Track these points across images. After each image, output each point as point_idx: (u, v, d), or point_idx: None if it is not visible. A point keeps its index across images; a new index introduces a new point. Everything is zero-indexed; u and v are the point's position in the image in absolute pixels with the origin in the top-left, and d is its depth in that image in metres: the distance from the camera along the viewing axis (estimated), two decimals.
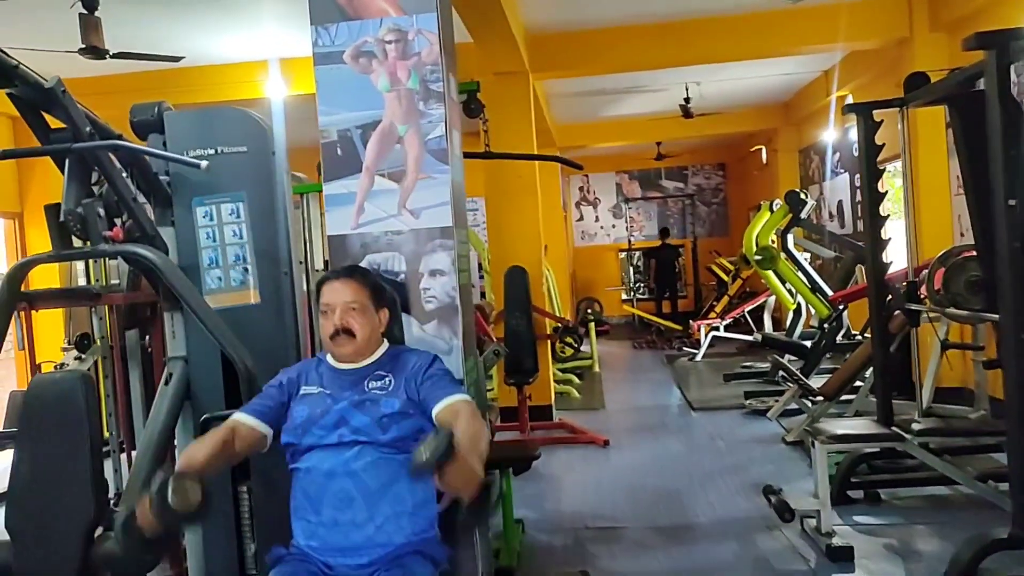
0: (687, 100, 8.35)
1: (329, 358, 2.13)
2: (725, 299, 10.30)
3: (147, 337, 3.84)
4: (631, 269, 13.92)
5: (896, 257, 6.14)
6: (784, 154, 10.65)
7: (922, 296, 3.99)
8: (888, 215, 4.03)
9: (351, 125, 2.50)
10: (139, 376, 3.81)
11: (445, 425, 1.83)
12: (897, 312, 4.11)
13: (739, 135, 11.66)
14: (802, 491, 3.82)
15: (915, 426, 3.44)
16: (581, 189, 14.29)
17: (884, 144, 3.88)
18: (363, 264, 2.51)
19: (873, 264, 3.92)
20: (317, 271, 4.35)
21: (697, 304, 12.64)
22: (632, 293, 13.58)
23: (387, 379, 2.04)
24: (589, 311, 10.14)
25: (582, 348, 8.91)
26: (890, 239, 4.21)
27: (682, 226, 14.06)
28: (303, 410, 2.02)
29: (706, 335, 9.23)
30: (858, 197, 7.70)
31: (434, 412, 1.96)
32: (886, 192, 4.00)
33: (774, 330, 8.89)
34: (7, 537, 2.17)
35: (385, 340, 2.17)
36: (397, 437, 1.96)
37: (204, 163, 2.46)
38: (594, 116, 10.33)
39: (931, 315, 4.08)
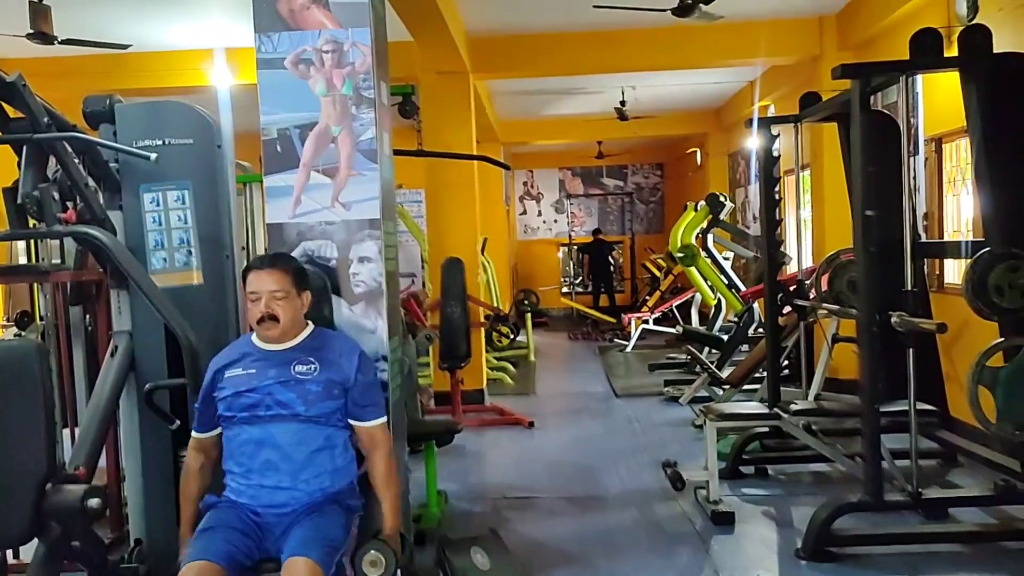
0: (623, 103, 8.76)
1: (254, 338, 2.37)
2: (657, 294, 10.78)
3: (87, 316, 4.01)
4: (571, 264, 14.36)
5: (805, 259, 6.65)
6: (715, 157, 11.19)
7: (812, 295, 4.45)
8: (782, 219, 4.47)
9: (290, 125, 2.77)
10: (82, 352, 3.98)
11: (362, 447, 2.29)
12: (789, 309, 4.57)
13: (675, 137, 12.17)
14: (700, 467, 4.23)
15: (792, 407, 3.88)
16: (525, 184, 14.65)
17: (779, 155, 4.32)
18: (298, 250, 2.78)
19: (768, 264, 4.35)
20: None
21: (634, 298, 13.16)
22: (571, 287, 14.02)
23: (312, 365, 2.28)
24: (525, 302, 10.48)
25: (518, 338, 9.28)
26: (782, 242, 4.64)
27: (621, 223, 14.56)
28: (228, 387, 2.27)
29: (636, 328, 9.69)
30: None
31: (355, 425, 2.30)
32: (781, 199, 4.45)
33: (701, 324, 9.40)
34: None
35: (309, 323, 2.41)
36: (320, 413, 2.24)
37: (154, 155, 2.71)
38: (537, 114, 10.68)
39: (819, 311, 4.54)
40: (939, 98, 4.93)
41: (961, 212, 4.97)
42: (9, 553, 3.07)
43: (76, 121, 3.02)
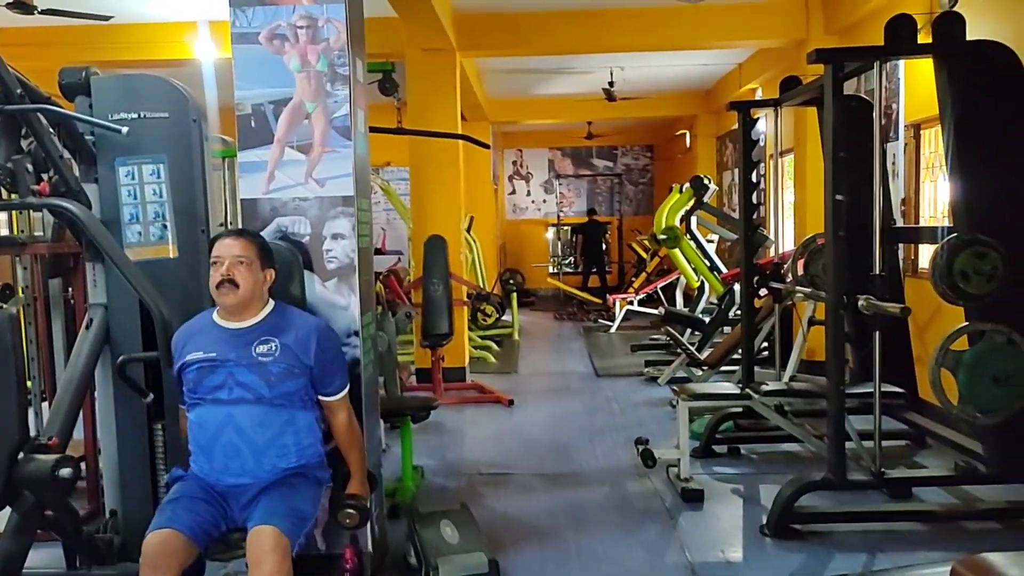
0: (611, 84, 8.74)
1: (216, 316, 2.38)
2: (643, 276, 10.83)
3: (70, 288, 4.03)
4: (559, 244, 14.38)
5: (788, 243, 6.71)
6: (703, 140, 11.20)
7: (789, 278, 4.50)
8: (761, 203, 4.51)
9: (264, 100, 2.78)
10: (61, 324, 4.00)
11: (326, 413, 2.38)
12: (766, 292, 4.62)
13: (664, 119, 12.15)
14: (674, 445, 4.29)
15: (763, 388, 3.95)
16: (514, 163, 14.62)
17: (759, 139, 4.34)
18: (272, 225, 2.81)
19: (744, 247, 4.40)
20: None
21: (621, 280, 13.21)
22: (559, 267, 14.06)
23: (273, 344, 2.29)
24: (511, 281, 10.51)
25: (503, 317, 9.32)
26: (759, 225, 4.69)
27: (610, 204, 14.58)
28: (192, 370, 2.29)
29: (621, 309, 9.75)
30: (761, 184, 8.26)
31: (320, 398, 2.37)
32: (759, 182, 4.48)
33: (685, 306, 9.46)
34: None
35: (271, 300, 2.43)
36: (282, 393, 2.27)
37: (125, 129, 2.71)
38: (526, 93, 10.63)
39: (795, 294, 4.60)
40: (919, 84, 4.96)
41: (938, 198, 5.02)
42: None
43: (52, 93, 3.02)
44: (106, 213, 2.96)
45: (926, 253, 5.10)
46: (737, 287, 6.83)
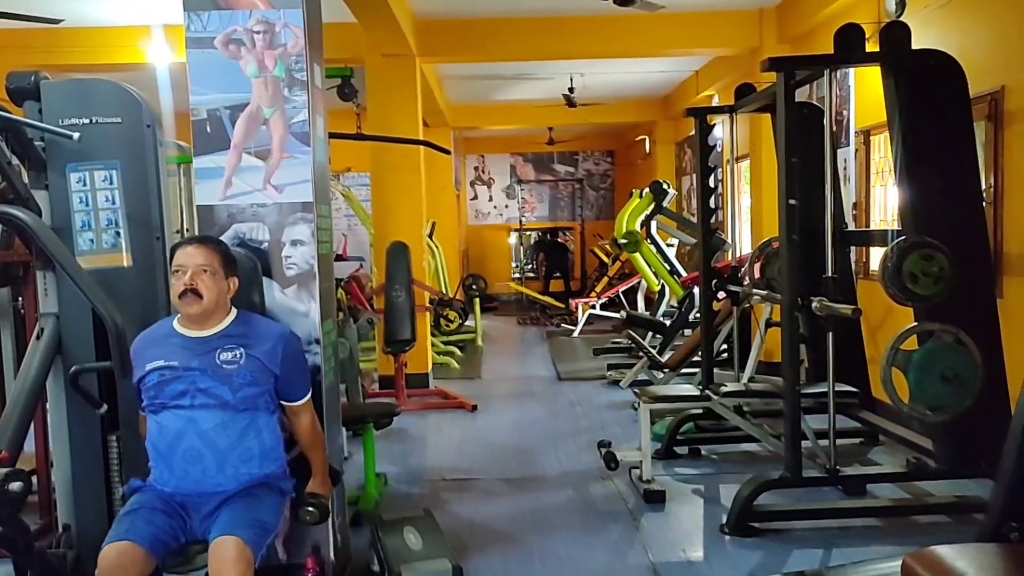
0: (571, 90, 8.81)
1: (177, 324, 2.34)
2: (605, 280, 10.92)
3: (19, 297, 3.92)
4: (522, 249, 14.44)
5: (745, 247, 6.82)
6: (662, 145, 11.34)
7: (746, 281, 4.59)
8: (718, 207, 4.59)
9: (220, 106, 2.75)
10: (11, 334, 3.89)
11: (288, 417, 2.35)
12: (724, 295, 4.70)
13: (624, 125, 12.28)
14: (636, 447, 4.34)
15: (722, 389, 4.02)
16: (476, 169, 14.64)
17: (716, 144, 4.42)
18: (230, 232, 2.77)
19: (703, 251, 4.47)
20: None
21: (583, 284, 13.31)
22: (521, 272, 14.12)
23: (238, 352, 2.26)
24: (474, 287, 10.51)
25: (466, 322, 9.32)
26: (717, 229, 4.77)
27: (571, 209, 14.67)
28: (152, 377, 2.25)
29: (583, 313, 9.82)
30: (719, 189, 8.40)
31: (284, 404, 2.35)
32: (716, 187, 4.56)
33: (647, 309, 9.56)
34: None
35: (233, 308, 2.40)
36: (246, 398, 2.24)
37: (76, 135, 2.65)
38: (487, 99, 10.66)
39: (752, 297, 4.69)
40: (869, 92, 5.10)
41: (887, 202, 5.16)
42: None
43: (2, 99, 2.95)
44: (57, 220, 2.89)
45: (877, 256, 5.24)
46: (696, 290, 6.94)
